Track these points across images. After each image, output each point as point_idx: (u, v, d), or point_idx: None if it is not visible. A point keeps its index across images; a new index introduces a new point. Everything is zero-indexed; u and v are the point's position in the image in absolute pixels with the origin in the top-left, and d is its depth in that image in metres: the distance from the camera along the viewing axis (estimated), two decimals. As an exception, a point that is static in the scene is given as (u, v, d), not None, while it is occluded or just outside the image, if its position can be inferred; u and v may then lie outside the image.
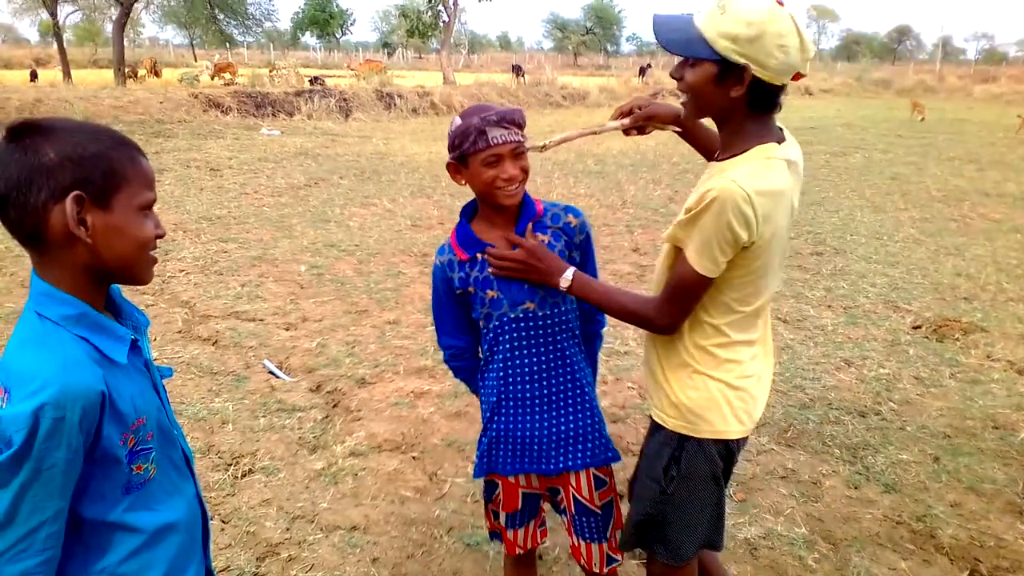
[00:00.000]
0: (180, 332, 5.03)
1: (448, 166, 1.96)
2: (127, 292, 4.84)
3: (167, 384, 1.50)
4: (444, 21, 34.47)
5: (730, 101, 1.69)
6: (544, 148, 2.11)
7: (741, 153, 1.73)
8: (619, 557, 2.16)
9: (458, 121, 1.89)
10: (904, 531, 3.01)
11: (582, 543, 2.13)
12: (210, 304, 5.54)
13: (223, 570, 2.75)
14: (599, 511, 2.10)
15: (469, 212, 2.02)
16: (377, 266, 6.59)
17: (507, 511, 2.19)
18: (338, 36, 69.01)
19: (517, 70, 32.97)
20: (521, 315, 1.95)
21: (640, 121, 2.13)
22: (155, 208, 1.31)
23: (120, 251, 1.24)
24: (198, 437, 3.66)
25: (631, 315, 1.85)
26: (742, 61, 1.62)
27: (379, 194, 9.82)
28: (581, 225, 2.03)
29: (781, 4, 1.62)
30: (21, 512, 1.15)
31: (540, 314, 1.96)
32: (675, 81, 1.78)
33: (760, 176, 1.66)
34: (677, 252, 1.76)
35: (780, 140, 1.75)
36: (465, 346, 2.12)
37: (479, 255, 1.95)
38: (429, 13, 34.03)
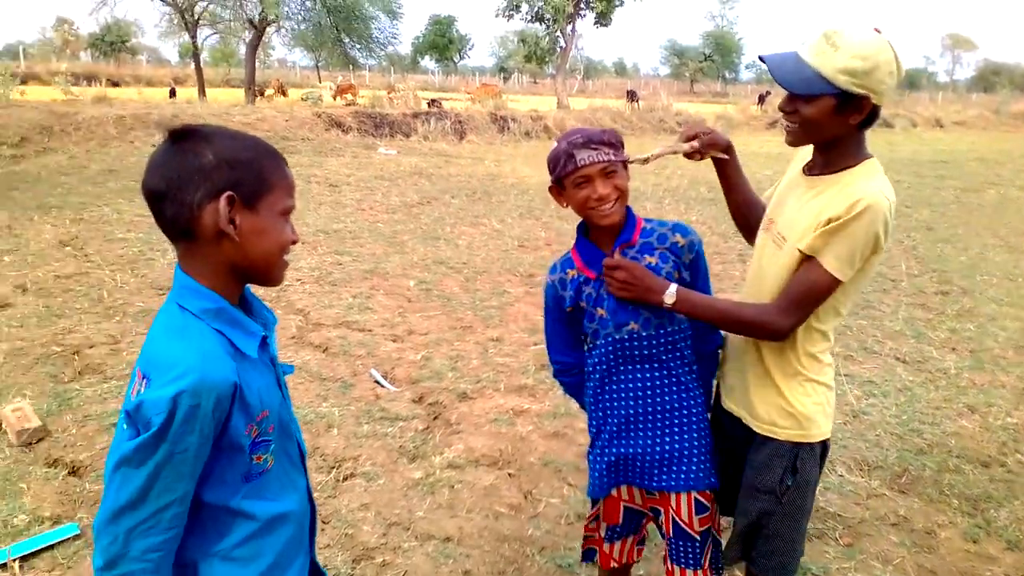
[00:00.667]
0: (294, 338, 5.24)
1: (550, 190, 2.03)
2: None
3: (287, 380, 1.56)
4: (561, 47, 34.81)
5: (847, 127, 1.77)
6: (647, 161, 2.11)
7: (855, 165, 1.81)
8: None
9: (553, 146, 1.96)
10: (1029, 592, 2.80)
11: (676, 569, 2.10)
12: (323, 313, 5.75)
13: (321, 569, 2.83)
14: (698, 536, 2.06)
15: (584, 229, 2.05)
16: (483, 284, 6.68)
17: (607, 523, 2.20)
18: (456, 60, 70.75)
19: (631, 95, 32.86)
20: (626, 336, 1.97)
21: (705, 147, 2.15)
22: (298, 234, 1.40)
23: (262, 251, 1.32)
24: (305, 439, 3.76)
25: (745, 322, 1.89)
26: (862, 92, 1.70)
27: (488, 214, 9.97)
28: (690, 244, 2.01)
29: (879, 31, 1.72)
30: (153, 491, 1.22)
31: (644, 335, 1.96)
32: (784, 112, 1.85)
33: (891, 188, 1.78)
34: (805, 259, 1.79)
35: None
36: (573, 362, 2.15)
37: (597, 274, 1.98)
38: (547, 39, 34.43)
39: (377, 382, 4.57)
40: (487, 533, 3.10)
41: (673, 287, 1.88)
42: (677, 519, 2.05)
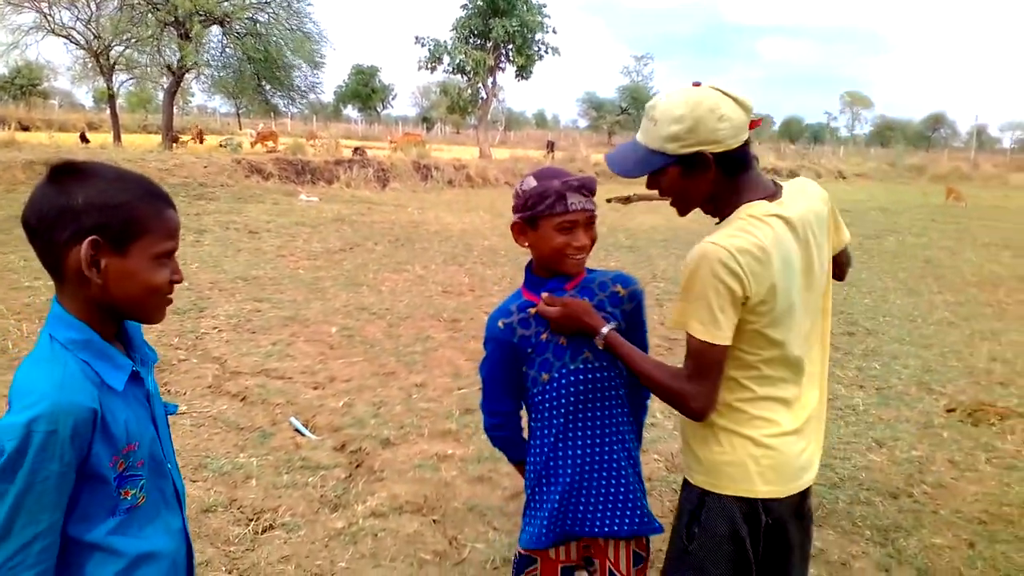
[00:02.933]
0: (210, 387, 5.09)
1: (513, 226, 1.95)
2: (159, 342, 4.87)
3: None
4: (483, 98, 35.38)
5: (708, 183, 1.75)
6: (629, 201, 2.14)
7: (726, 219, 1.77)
8: None
9: (533, 182, 1.88)
10: (937, 618, 2.91)
11: None
12: (241, 361, 5.61)
13: (238, 625, 2.72)
14: None
15: (531, 270, 2.02)
16: (407, 330, 6.65)
17: None
18: (379, 110, 71.01)
19: (550, 146, 33.60)
20: (581, 365, 1.92)
21: None
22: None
23: (130, 293, 1.33)
24: (221, 491, 3.67)
25: (662, 388, 1.80)
26: (695, 150, 1.70)
27: (412, 261, 9.96)
28: (631, 294, 2.00)
29: (698, 85, 1.72)
30: (16, 524, 1.19)
31: (596, 364, 1.93)
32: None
33: (739, 235, 1.67)
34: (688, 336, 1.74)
35: (772, 196, 1.76)
36: (511, 411, 2.09)
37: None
38: (469, 91, 34.95)
39: (297, 430, 4.47)
40: (411, 581, 3.04)
41: (608, 326, 1.86)
42: (614, 571, 2.01)
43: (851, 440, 4.60)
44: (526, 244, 1.94)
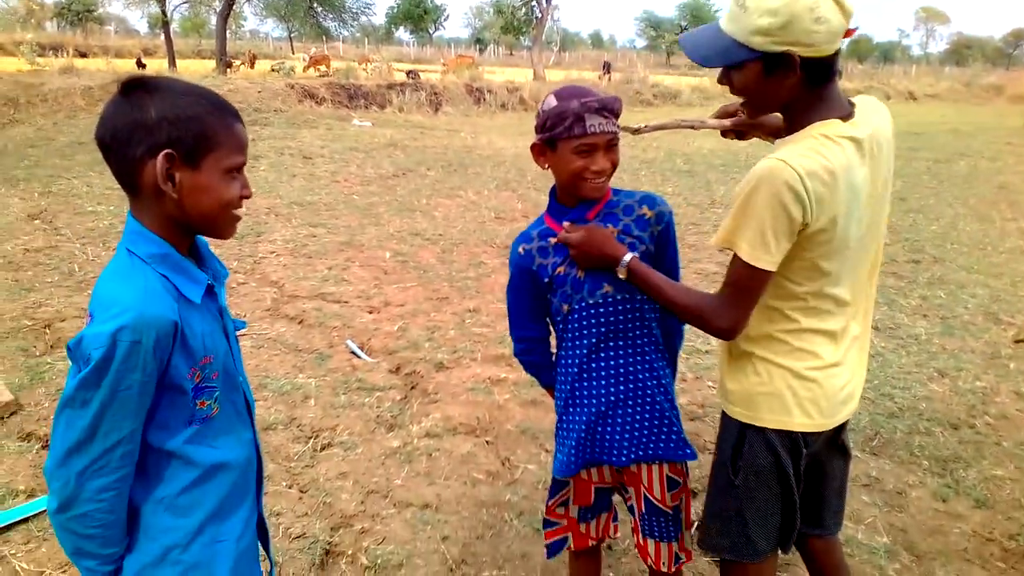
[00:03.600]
0: (268, 310, 5.20)
1: (533, 147, 1.89)
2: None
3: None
4: (537, 17, 34.51)
5: (787, 89, 1.62)
6: (638, 131, 2.05)
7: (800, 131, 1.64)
8: (685, 555, 2.10)
9: (553, 101, 1.80)
10: (995, 548, 2.87)
11: (650, 542, 2.06)
12: (298, 285, 5.71)
13: (298, 536, 2.83)
14: (670, 511, 2.03)
15: (554, 194, 1.98)
16: (460, 255, 6.66)
17: (579, 504, 2.14)
18: (431, 32, 69.95)
19: (607, 67, 32.75)
20: (600, 300, 1.89)
21: (743, 126, 2.02)
22: (251, 189, 1.39)
23: (204, 207, 1.33)
24: (281, 410, 3.78)
25: (687, 311, 1.75)
26: (784, 49, 1.55)
27: (465, 186, 9.91)
28: (658, 215, 1.92)
29: None
30: (101, 430, 1.24)
31: (619, 298, 1.89)
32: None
33: (810, 155, 1.56)
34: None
35: (847, 116, 1.64)
36: (539, 336, 2.08)
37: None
38: (523, 10, 34.13)
39: (353, 353, 4.56)
40: (465, 499, 3.11)
41: (628, 256, 1.80)
42: (649, 496, 2.01)
43: (912, 370, 4.50)
44: (546, 166, 1.88)
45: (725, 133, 2.08)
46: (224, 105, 1.36)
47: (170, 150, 1.26)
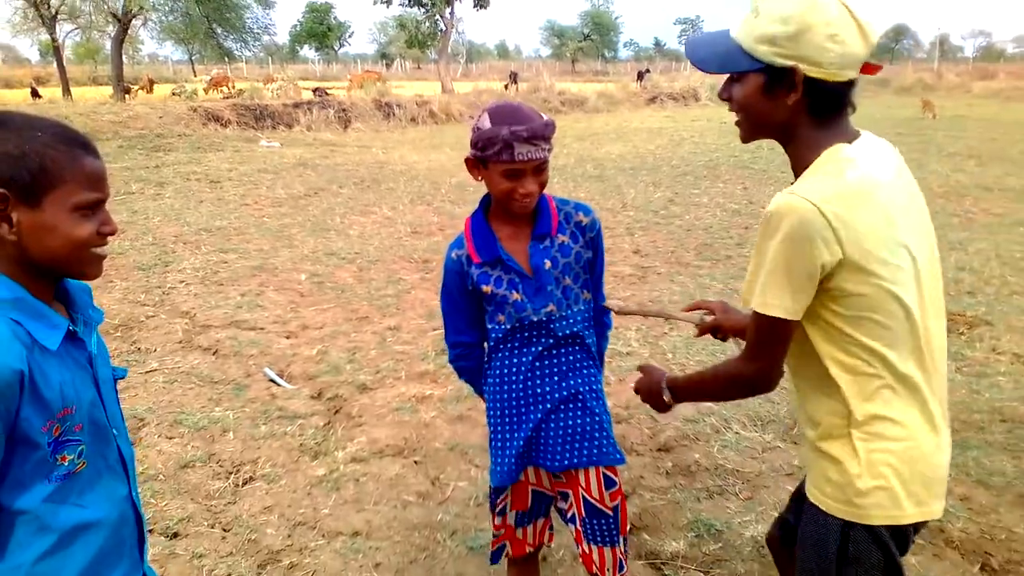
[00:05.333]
0: (180, 343, 5.01)
1: (467, 160, 1.93)
2: (125, 299, 4.76)
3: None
4: (441, 31, 34.55)
5: (787, 111, 1.45)
6: (616, 311, 2.09)
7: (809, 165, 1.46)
8: (624, 559, 2.14)
9: (487, 123, 1.83)
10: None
11: (593, 548, 2.09)
12: (210, 314, 5.52)
13: (224, 578, 2.72)
14: (610, 512, 2.07)
15: (486, 204, 2.01)
16: (378, 273, 6.58)
17: (517, 509, 2.17)
18: (336, 49, 69.22)
19: (513, 77, 33.07)
20: (544, 317, 1.96)
21: (716, 324, 1.98)
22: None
23: (52, 249, 1.25)
24: (198, 446, 3.64)
25: (728, 380, 1.61)
26: (788, 63, 1.40)
27: (379, 202, 9.81)
28: (592, 223, 2.03)
29: None
30: None
31: (558, 315, 1.97)
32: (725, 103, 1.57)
33: (827, 180, 1.39)
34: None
35: (852, 139, 1.48)
36: (474, 342, 2.12)
37: (501, 259, 1.93)
38: (427, 23, 34.09)
39: (272, 381, 4.43)
40: (396, 523, 3.05)
41: (665, 384, 1.78)
42: (588, 497, 2.05)
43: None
44: (479, 179, 1.92)
45: (701, 332, 2.03)
46: (72, 138, 1.28)
47: (3, 190, 1.18)
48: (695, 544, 2.89)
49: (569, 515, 2.12)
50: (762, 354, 1.50)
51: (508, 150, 1.78)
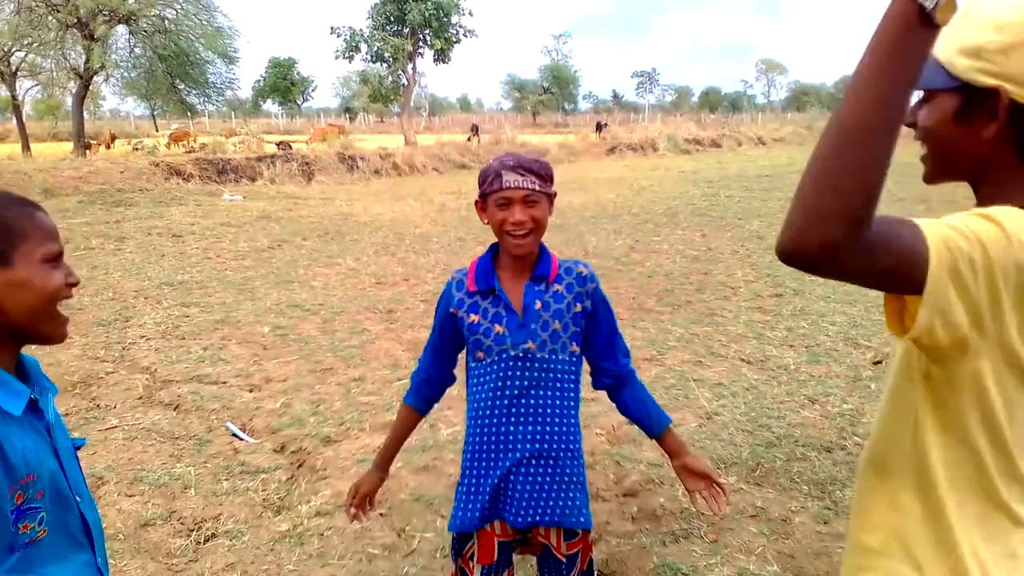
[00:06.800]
0: (141, 398, 4.94)
1: (476, 203, 2.05)
2: (84, 355, 4.70)
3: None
4: (404, 85, 34.98)
5: (983, 146, 1.10)
6: None
7: None
8: None
9: (488, 165, 2.01)
10: (874, 563, 3.02)
11: None
12: (171, 369, 5.46)
13: (185, 639, 2.66)
14: (564, 559, 2.07)
15: (495, 250, 2.08)
16: (342, 324, 6.56)
17: (483, 563, 2.13)
18: (300, 103, 69.58)
19: (475, 129, 33.55)
20: (521, 353, 1.97)
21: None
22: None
23: (27, 304, 1.28)
24: (159, 503, 3.57)
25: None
26: (991, 82, 1.06)
27: (343, 253, 9.82)
28: (591, 275, 2.10)
29: None
30: None
31: (539, 355, 1.98)
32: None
33: None
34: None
35: None
36: (440, 379, 2.17)
37: (494, 290, 2.00)
38: (389, 78, 34.49)
39: (235, 435, 4.38)
40: (361, 577, 3.02)
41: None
42: (546, 543, 2.07)
43: (784, 399, 4.73)
44: (485, 221, 2.03)
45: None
46: (20, 199, 1.33)
47: None
48: (661, 588, 2.90)
49: (530, 551, 2.14)
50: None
51: (498, 179, 1.92)
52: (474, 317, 2.00)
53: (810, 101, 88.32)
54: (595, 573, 2.18)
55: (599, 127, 39.53)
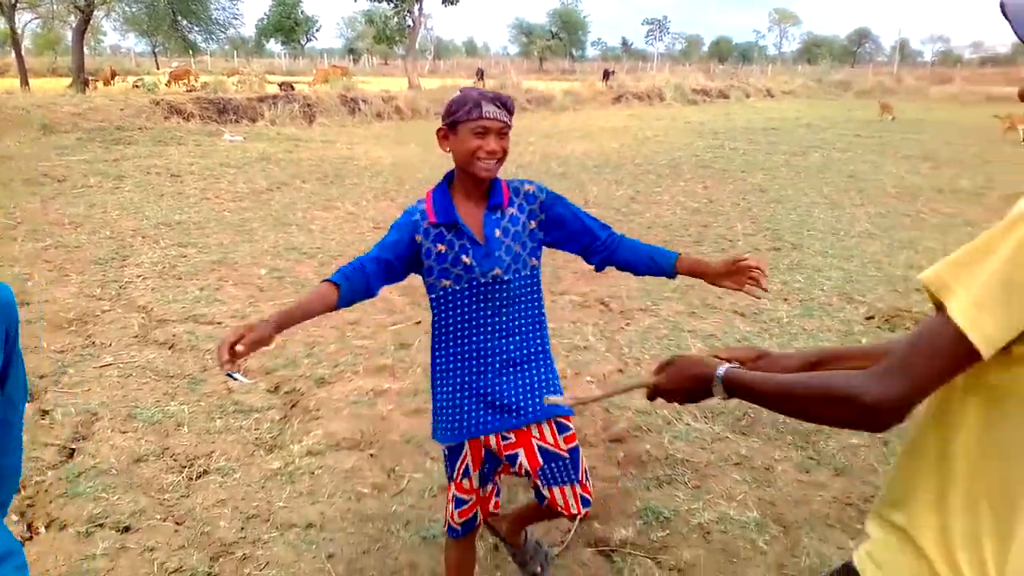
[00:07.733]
0: (136, 336, 4.97)
1: (438, 132, 2.11)
2: (80, 293, 4.70)
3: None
4: (409, 27, 34.42)
5: None
6: (580, 403, 1.99)
7: None
8: (590, 496, 2.24)
9: (458, 94, 2.07)
10: (853, 512, 3.07)
11: (555, 489, 2.18)
12: (167, 308, 5.48)
13: (175, 571, 2.73)
14: (567, 454, 2.18)
15: (449, 179, 2.16)
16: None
17: (477, 468, 2.25)
18: (303, 43, 68.51)
19: (480, 74, 33.09)
20: (491, 280, 2.09)
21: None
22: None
23: None
24: (152, 440, 3.62)
25: (826, 393, 1.11)
26: None
27: (342, 197, 9.78)
28: (537, 188, 2.19)
29: None
30: None
31: (506, 279, 2.10)
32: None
33: None
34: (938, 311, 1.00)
35: None
36: (371, 282, 2.08)
37: (457, 224, 2.06)
38: (395, 19, 33.92)
39: (229, 375, 4.40)
40: (350, 515, 3.08)
41: (722, 368, 1.35)
42: (542, 444, 2.16)
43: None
44: (447, 149, 2.08)
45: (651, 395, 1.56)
46: None
47: None
48: (643, 531, 2.96)
49: (524, 471, 2.19)
50: (912, 377, 1.02)
51: (477, 108, 1.99)
52: (441, 247, 2.08)
53: (822, 54, 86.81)
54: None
55: (606, 75, 38.93)
